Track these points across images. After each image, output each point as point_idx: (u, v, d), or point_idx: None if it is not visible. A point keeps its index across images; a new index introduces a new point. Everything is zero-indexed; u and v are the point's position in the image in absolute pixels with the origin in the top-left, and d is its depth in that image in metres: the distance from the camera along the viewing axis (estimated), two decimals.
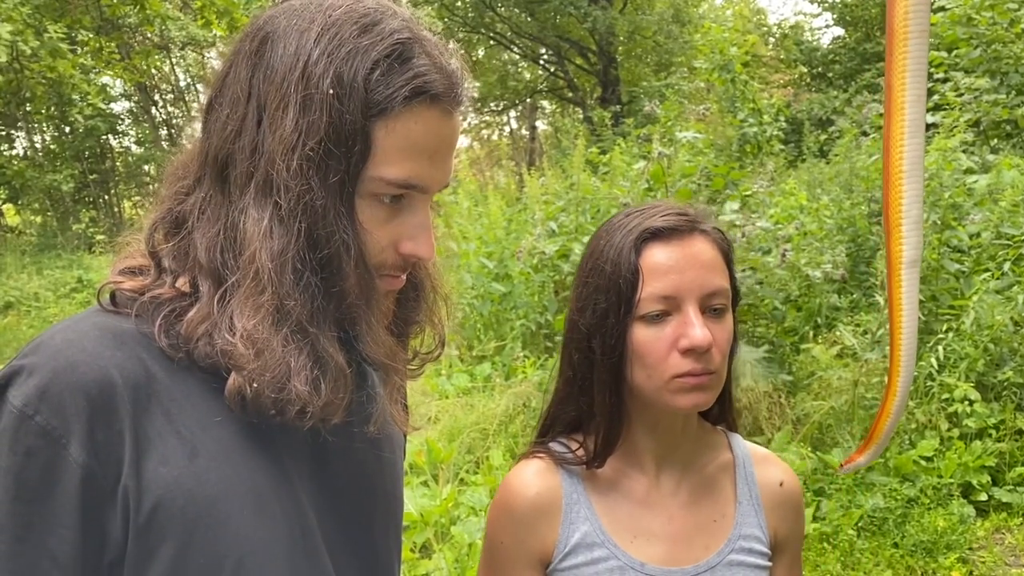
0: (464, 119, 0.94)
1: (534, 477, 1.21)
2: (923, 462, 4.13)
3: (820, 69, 18.41)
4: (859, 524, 3.86)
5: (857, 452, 1.22)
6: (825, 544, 3.78)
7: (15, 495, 0.78)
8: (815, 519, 3.91)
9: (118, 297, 0.89)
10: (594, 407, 1.17)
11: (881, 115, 5.69)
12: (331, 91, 0.82)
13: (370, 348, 0.90)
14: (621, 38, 22.78)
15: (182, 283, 0.88)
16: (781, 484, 1.26)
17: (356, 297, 0.87)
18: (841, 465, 1.28)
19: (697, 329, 1.07)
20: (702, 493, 1.22)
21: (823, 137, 9.89)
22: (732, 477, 1.25)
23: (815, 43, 19.86)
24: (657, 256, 1.10)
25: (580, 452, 1.20)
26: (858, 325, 4.87)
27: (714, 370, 1.10)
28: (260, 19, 0.88)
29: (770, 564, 1.22)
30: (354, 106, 0.82)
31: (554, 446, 1.23)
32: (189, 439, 0.84)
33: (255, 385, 0.83)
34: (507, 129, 33.18)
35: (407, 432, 1.13)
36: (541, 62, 27.07)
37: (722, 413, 1.27)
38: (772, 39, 20.58)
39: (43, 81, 13.08)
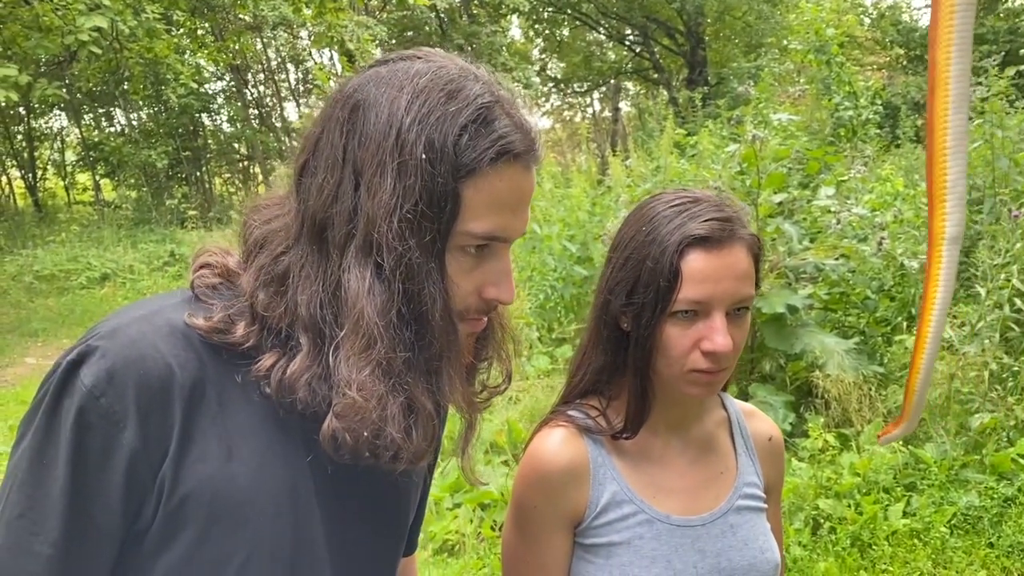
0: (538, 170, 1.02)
1: (563, 445, 1.30)
2: (1021, 460, 3.96)
3: (918, 51, 17.74)
4: (952, 522, 3.73)
5: (892, 425, 1.29)
6: (916, 540, 3.67)
7: (74, 461, 0.87)
8: (905, 515, 3.80)
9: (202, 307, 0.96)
10: (624, 385, 1.29)
11: (984, 100, 5.41)
12: (424, 156, 0.88)
13: (450, 397, 0.98)
14: (710, 19, 22.36)
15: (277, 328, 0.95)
16: (770, 439, 1.42)
17: (440, 347, 0.94)
18: (879, 436, 1.35)
19: (721, 337, 1.17)
20: (706, 449, 1.36)
21: (919, 122, 9.51)
22: (729, 432, 1.40)
23: (913, 24, 19.14)
24: (697, 263, 1.18)
25: (601, 420, 1.30)
26: (955, 317, 4.69)
27: (727, 367, 1.21)
28: (349, 87, 0.95)
29: (766, 506, 1.38)
30: (445, 169, 0.89)
31: (574, 414, 1.33)
32: (227, 442, 0.93)
33: (355, 431, 0.90)
34: (590, 111, 32.97)
35: (476, 485, 1.23)
36: (627, 43, 26.80)
37: None
38: (868, 19, 19.87)
39: (140, 61, 13.48)
